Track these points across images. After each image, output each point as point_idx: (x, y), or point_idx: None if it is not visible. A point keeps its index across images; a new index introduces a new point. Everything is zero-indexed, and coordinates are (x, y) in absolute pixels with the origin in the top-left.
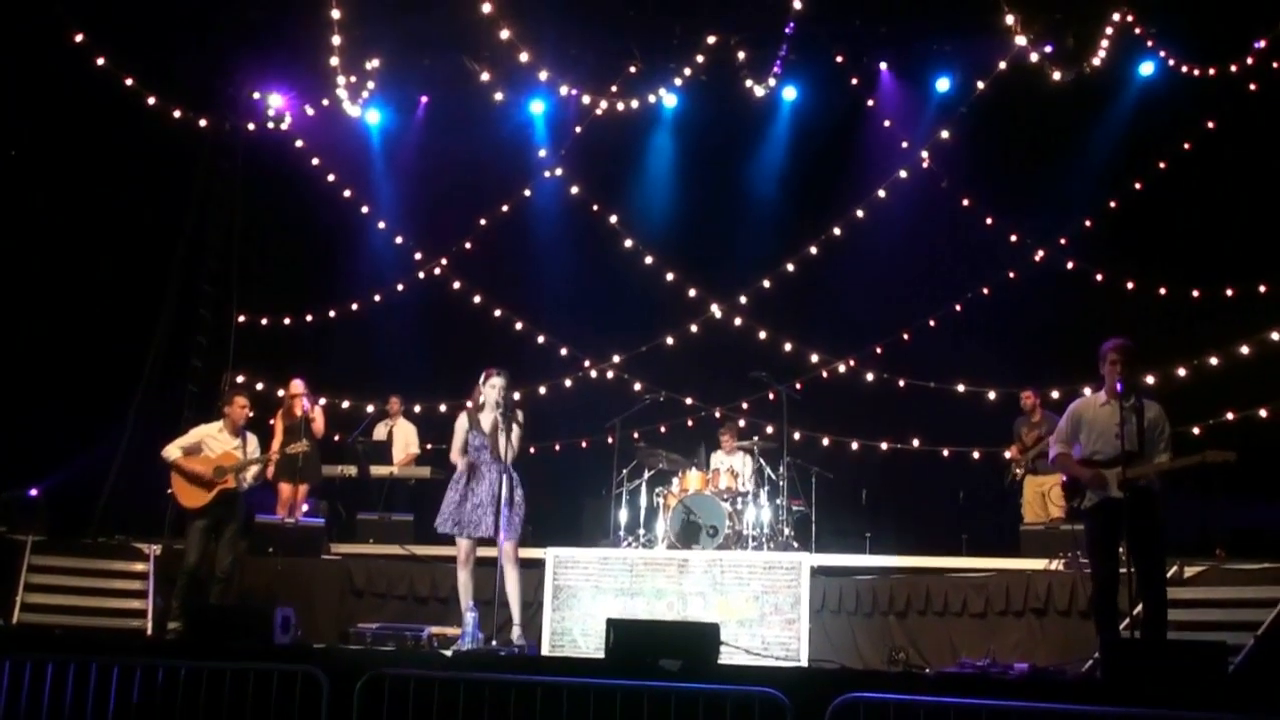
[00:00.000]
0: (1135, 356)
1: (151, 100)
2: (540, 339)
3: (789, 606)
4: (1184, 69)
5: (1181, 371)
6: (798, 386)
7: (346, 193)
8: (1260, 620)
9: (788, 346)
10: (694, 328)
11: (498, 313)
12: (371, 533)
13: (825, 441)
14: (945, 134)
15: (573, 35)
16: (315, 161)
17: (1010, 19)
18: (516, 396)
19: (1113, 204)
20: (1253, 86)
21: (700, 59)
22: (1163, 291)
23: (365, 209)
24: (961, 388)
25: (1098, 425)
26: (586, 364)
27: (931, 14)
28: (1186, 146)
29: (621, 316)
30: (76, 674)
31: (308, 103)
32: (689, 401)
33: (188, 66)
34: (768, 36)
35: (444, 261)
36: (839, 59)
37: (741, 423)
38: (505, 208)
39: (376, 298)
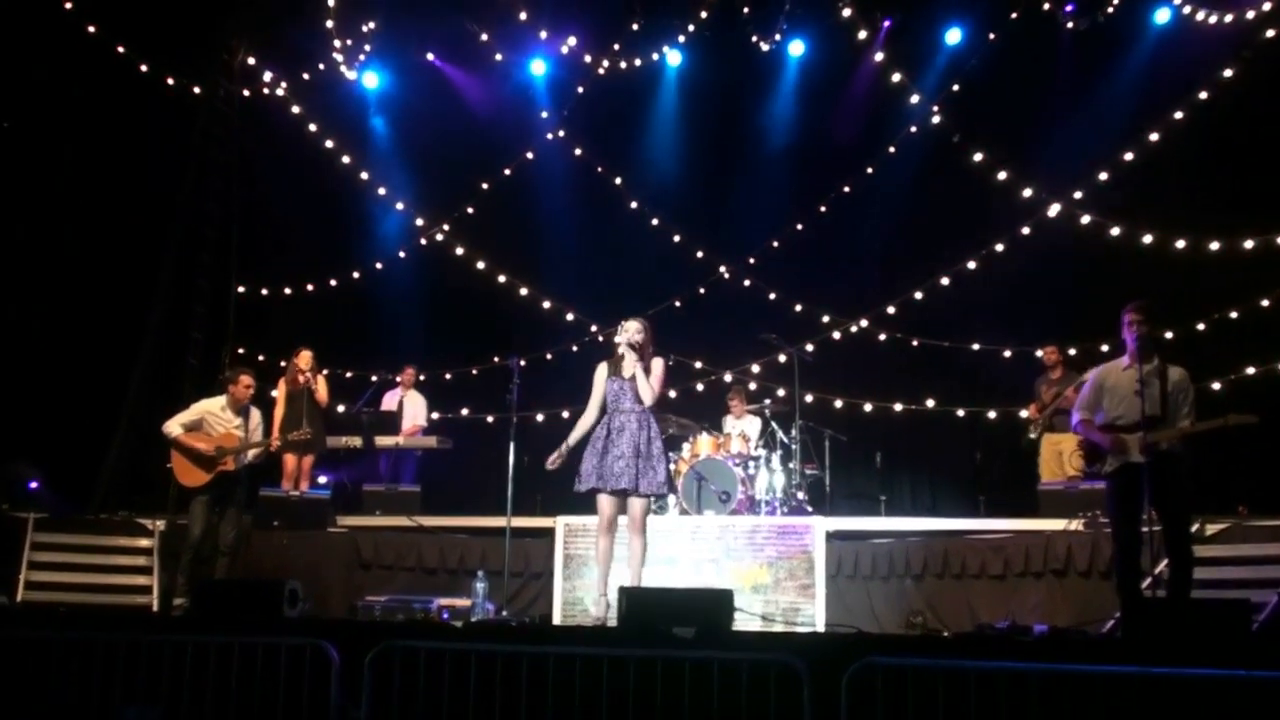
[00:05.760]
0: (1155, 316)
1: (144, 68)
2: (546, 304)
3: (804, 572)
4: (1200, 16)
5: (1201, 326)
6: (809, 348)
7: (345, 159)
8: None
9: (798, 307)
10: (702, 290)
11: (502, 278)
12: (378, 504)
13: (838, 404)
14: (956, 87)
15: None
16: (313, 128)
17: None
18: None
19: (1128, 156)
20: (1270, 33)
21: (704, 15)
22: (1180, 244)
23: (365, 175)
24: (976, 346)
25: (1120, 390)
26: (594, 329)
27: None
28: (1203, 96)
29: (628, 280)
30: (82, 652)
31: (304, 68)
32: (698, 365)
33: (181, 33)
34: None
35: (446, 227)
36: (846, 12)
37: (752, 386)
38: (507, 171)
39: (378, 265)
